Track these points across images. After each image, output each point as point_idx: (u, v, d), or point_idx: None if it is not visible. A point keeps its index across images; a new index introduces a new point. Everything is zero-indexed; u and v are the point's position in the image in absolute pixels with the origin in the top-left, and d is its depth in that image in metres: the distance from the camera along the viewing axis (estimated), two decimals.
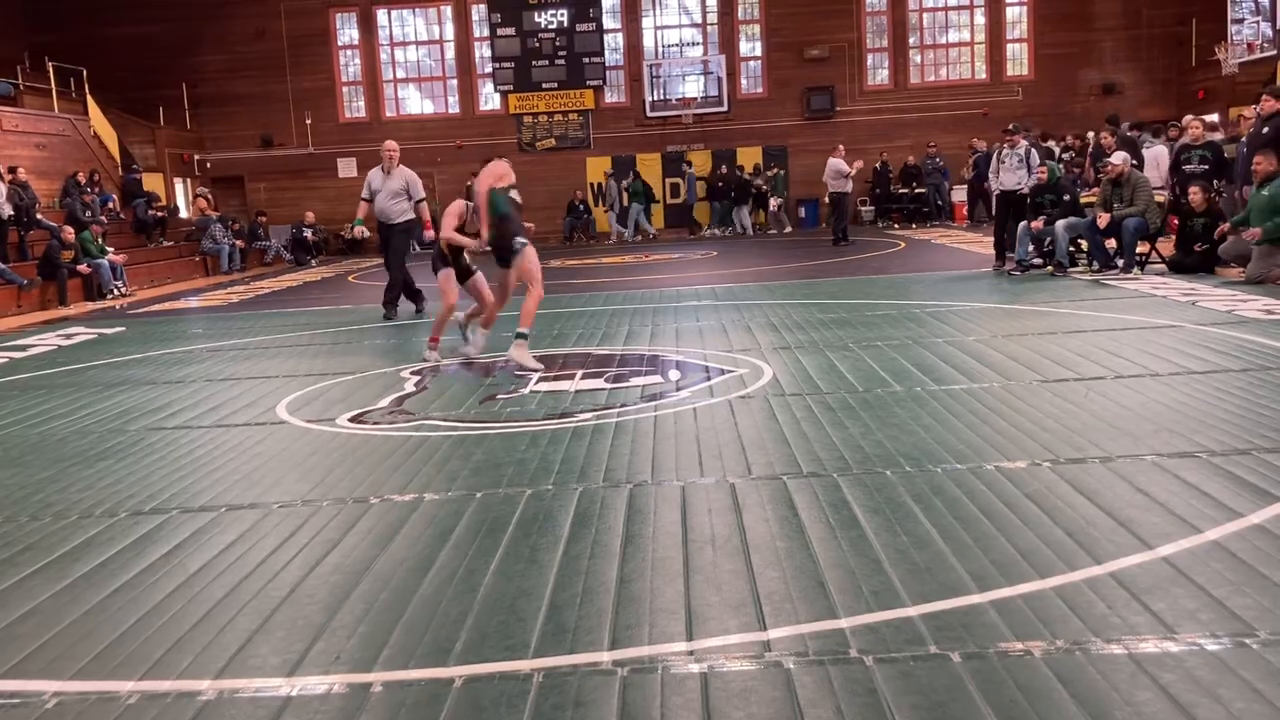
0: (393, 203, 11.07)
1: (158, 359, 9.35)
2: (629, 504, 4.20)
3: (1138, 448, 4.58)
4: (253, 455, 5.48)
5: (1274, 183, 9.97)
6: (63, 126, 21.00)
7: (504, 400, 6.50)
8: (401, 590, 3.42)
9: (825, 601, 3.12)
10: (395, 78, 26.96)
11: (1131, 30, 25.44)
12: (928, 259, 15.16)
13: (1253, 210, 10.14)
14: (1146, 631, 2.81)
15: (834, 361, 7.13)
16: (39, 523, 4.44)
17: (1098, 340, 7.38)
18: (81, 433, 6.32)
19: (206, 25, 25.53)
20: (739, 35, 26.44)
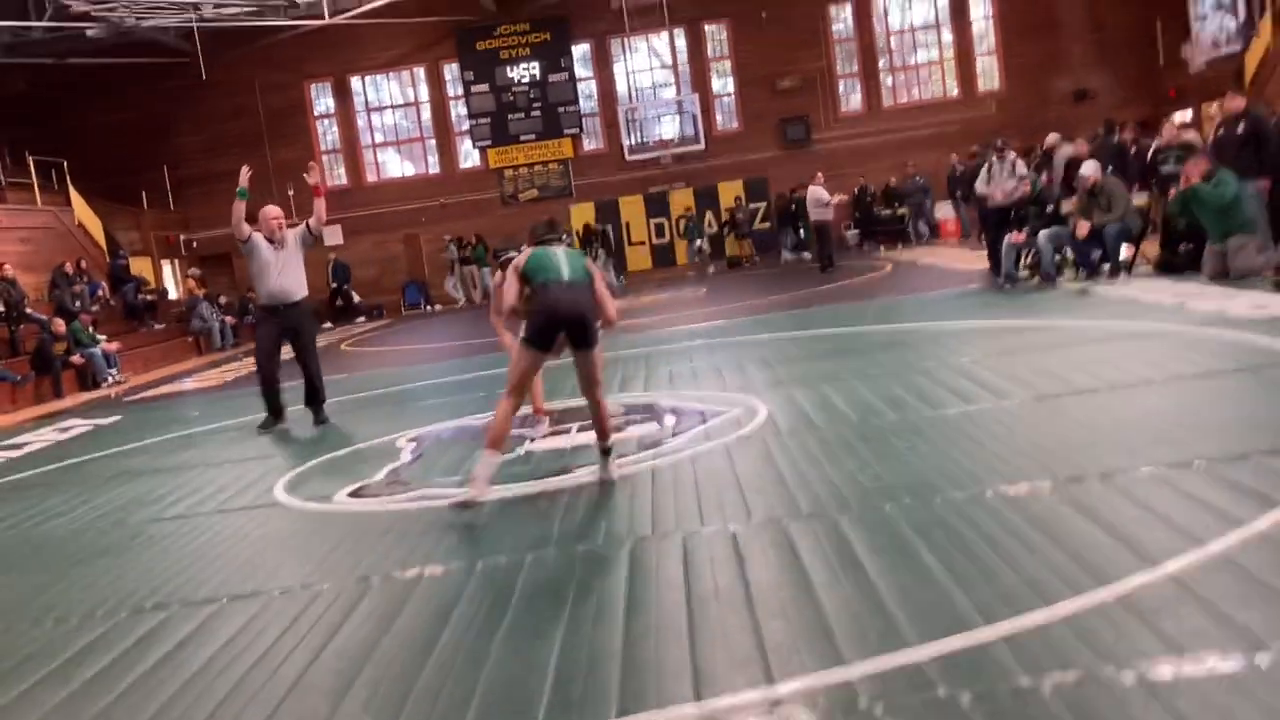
0: (289, 278, 9.06)
1: (155, 446, 9.33)
2: (631, 562, 4.17)
3: (1136, 460, 4.56)
4: (253, 541, 5.45)
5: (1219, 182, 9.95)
6: (47, 219, 21.10)
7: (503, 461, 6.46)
8: (406, 674, 3.38)
9: (832, 650, 3.09)
10: (374, 142, 27.16)
11: (1098, 35, 25.67)
12: (915, 280, 15.19)
13: (1204, 213, 10.12)
14: (1157, 655, 2.78)
15: (828, 394, 7.12)
16: (40, 629, 4.41)
17: (1090, 351, 7.37)
18: (81, 530, 6.29)
19: (183, 107, 25.72)
20: (710, 73, 26.67)
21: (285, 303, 9.03)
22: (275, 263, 8.97)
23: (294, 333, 9.18)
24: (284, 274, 8.99)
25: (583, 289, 5.31)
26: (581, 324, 5.27)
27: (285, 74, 26.13)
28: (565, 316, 5.24)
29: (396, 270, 26.37)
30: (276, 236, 9.05)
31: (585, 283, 5.34)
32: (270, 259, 8.98)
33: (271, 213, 9.16)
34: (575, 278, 5.31)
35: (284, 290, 9.01)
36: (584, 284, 5.33)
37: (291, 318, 9.09)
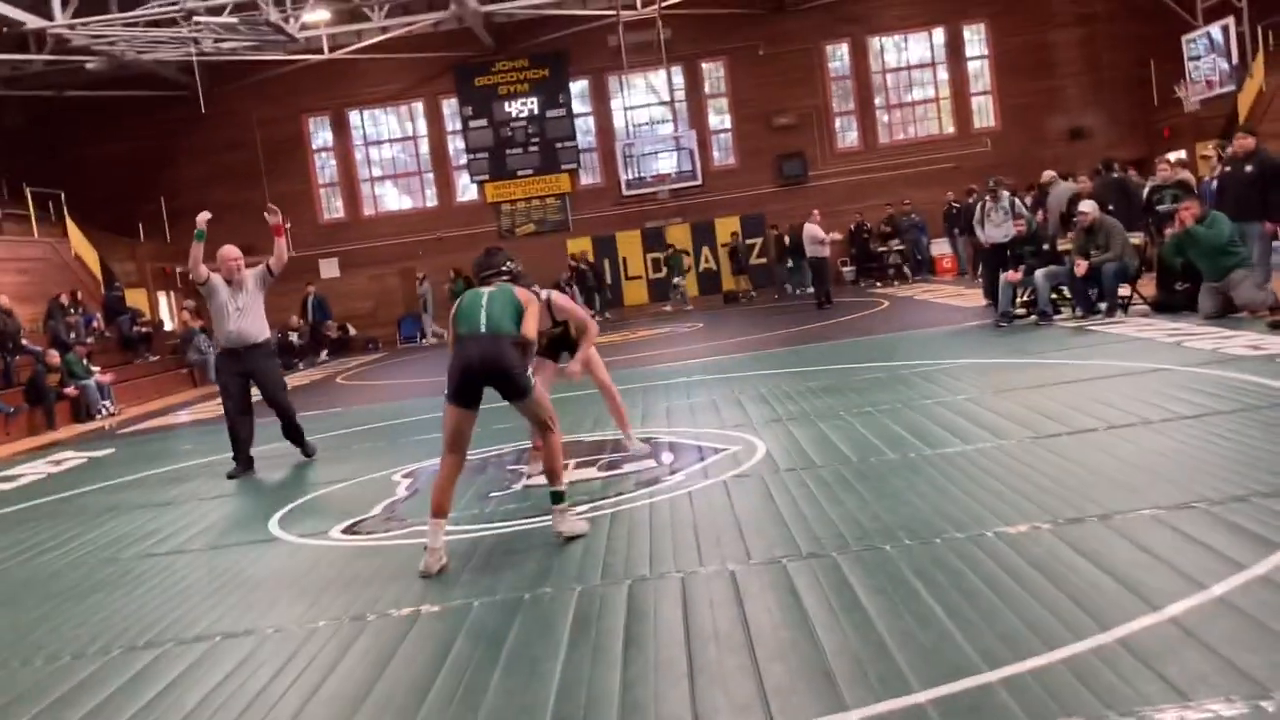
0: (248, 321, 8.78)
1: (148, 480, 9.28)
2: (629, 602, 4.14)
3: (1136, 502, 4.54)
4: (247, 577, 5.41)
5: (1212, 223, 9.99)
6: (44, 250, 21.12)
7: (497, 499, 6.44)
8: (401, 715, 3.35)
9: (833, 693, 3.06)
10: (371, 176, 27.26)
11: (1093, 75, 25.90)
12: (912, 316, 15.21)
13: (1199, 255, 10.16)
14: (1160, 700, 2.76)
15: (826, 432, 7.10)
16: (30, 667, 4.36)
17: (1087, 389, 7.37)
18: (74, 565, 6.24)
19: (181, 140, 25.82)
20: (707, 109, 26.85)
21: (245, 345, 8.75)
22: (233, 304, 8.71)
23: (258, 375, 8.88)
24: (243, 316, 8.72)
25: (499, 340, 5.07)
26: (499, 377, 5.08)
27: (283, 107, 26.25)
28: (479, 372, 5.05)
29: (393, 303, 26.39)
30: (235, 278, 8.76)
31: (504, 333, 5.09)
32: (228, 301, 8.71)
33: (230, 254, 8.85)
34: (492, 327, 5.09)
35: (242, 333, 8.73)
36: (502, 334, 5.08)
37: (252, 360, 8.78)
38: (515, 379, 5.11)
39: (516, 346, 5.14)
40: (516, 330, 5.17)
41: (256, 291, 8.85)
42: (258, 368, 8.84)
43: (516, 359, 5.12)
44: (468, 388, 5.11)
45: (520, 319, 5.22)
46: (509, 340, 5.11)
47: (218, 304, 8.72)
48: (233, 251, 8.88)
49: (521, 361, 5.15)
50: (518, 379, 5.11)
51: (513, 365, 5.09)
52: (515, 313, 5.21)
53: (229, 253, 8.86)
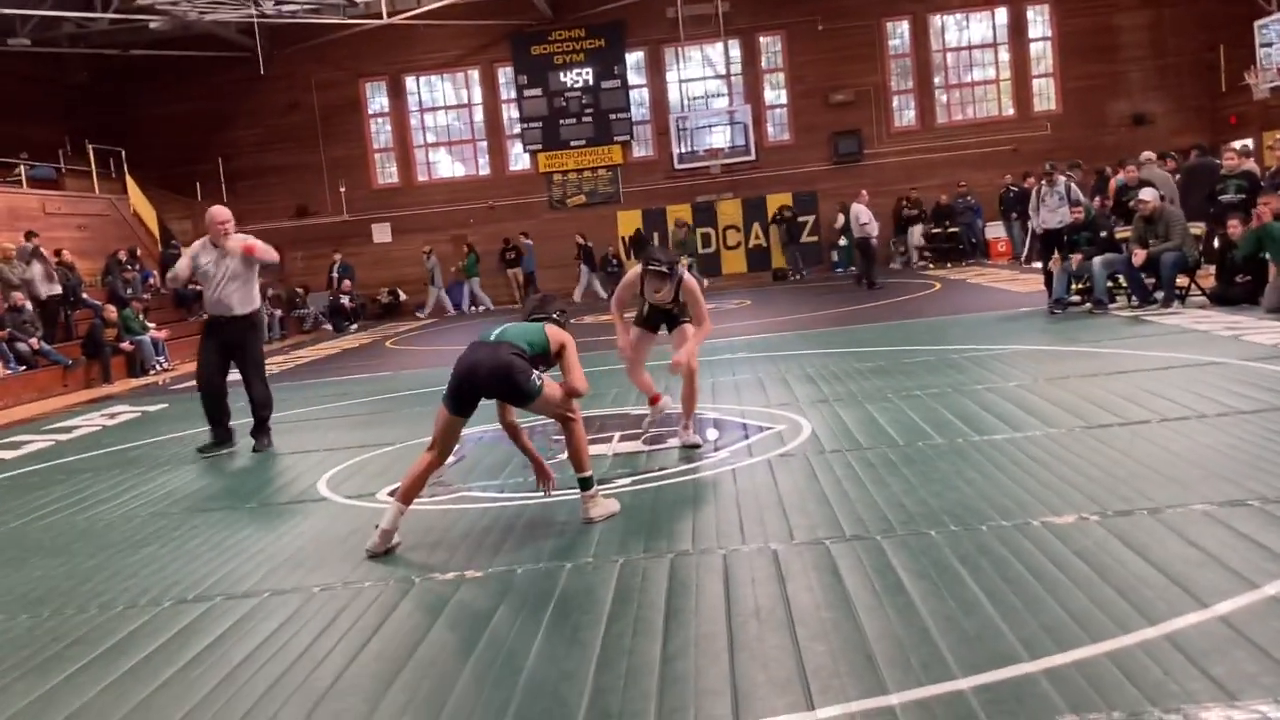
0: (233, 288, 8.13)
1: (200, 436, 9.42)
2: (671, 576, 4.16)
3: (1187, 496, 4.48)
4: (295, 535, 5.50)
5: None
6: (103, 207, 21.45)
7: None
8: (444, 677, 3.39)
9: (874, 676, 3.06)
10: (426, 142, 27.32)
11: (1159, 60, 25.34)
12: (964, 300, 15.05)
13: (1276, 250, 9.97)
14: (1207, 699, 2.73)
15: (873, 414, 7.07)
16: (85, 614, 4.47)
17: (1141, 380, 7.27)
18: (126, 517, 6.38)
19: (239, 101, 26.04)
20: (763, 84, 26.60)
21: (229, 315, 8.15)
22: (218, 272, 8.11)
23: (239, 352, 8.29)
24: (228, 284, 8.11)
25: (500, 347, 4.98)
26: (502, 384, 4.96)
27: (341, 71, 26.38)
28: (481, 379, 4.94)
29: (444, 270, 26.50)
30: (223, 242, 8.15)
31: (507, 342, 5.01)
32: (212, 269, 8.12)
33: (219, 215, 8.23)
34: (500, 338, 5.05)
35: (226, 302, 8.14)
36: (504, 343, 5.01)
37: (234, 332, 8.19)
38: (519, 388, 4.94)
39: (522, 356, 4.98)
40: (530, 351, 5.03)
41: (241, 265, 8.17)
42: (240, 343, 8.26)
43: (520, 366, 4.94)
44: (463, 394, 5.00)
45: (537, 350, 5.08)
46: (511, 347, 4.98)
47: (202, 270, 8.15)
48: (222, 213, 8.27)
49: (525, 367, 4.97)
50: (521, 386, 4.94)
51: (516, 373, 4.92)
52: (536, 342, 5.08)
53: (218, 214, 8.26)
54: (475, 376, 4.96)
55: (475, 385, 4.97)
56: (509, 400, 5.14)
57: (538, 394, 4.98)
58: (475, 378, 4.96)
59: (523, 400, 5.02)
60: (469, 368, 4.98)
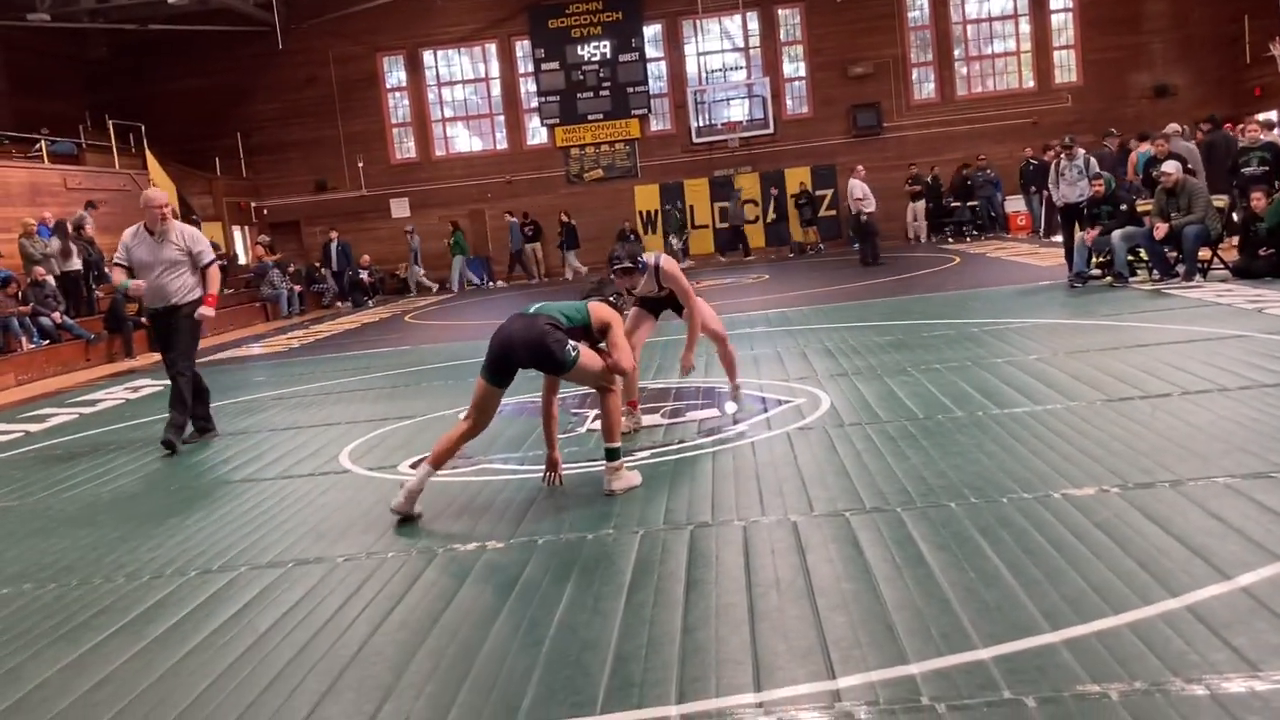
0: (171, 278, 7.57)
1: (222, 409, 9.48)
2: (691, 547, 4.18)
3: (1209, 469, 4.47)
4: (318, 507, 5.54)
5: None
6: (123, 182, 21.52)
7: (561, 440, 6.49)
8: (467, 645, 3.43)
9: (894, 646, 3.07)
10: (444, 117, 27.30)
11: (1181, 31, 25.06)
12: (984, 274, 14.99)
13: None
14: (1229, 669, 2.73)
15: (893, 387, 7.06)
16: (112, 584, 4.52)
17: (1162, 354, 7.23)
18: (151, 489, 6.45)
19: (257, 76, 26.06)
20: (782, 57, 26.44)
21: (165, 305, 7.65)
22: (154, 261, 7.55)
23: (172, 336, 7.76)
24: (166, 273, 7.57)
25: (537, 319, 5.04)
26: (537, 354, 5.00)
27: (359, 46, 26.36)
28: (517, 349, 5.01)
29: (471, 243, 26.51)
30: (158, 228, 7.57)
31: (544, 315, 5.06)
32: (146, 256, 7.58)
33: (155, 199, 7.63)
34: (538, 310, 5.11)
35: (164, 292, 7.60)
36: (541, 315, 5.06)
37: (167, 323, 7.71)
38: (553, 356, 4.99)
39: (557, 327, 5.03)
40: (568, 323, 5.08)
41: (178, 253, 7.58)
42: (175, 328, 7.72)
43: (556, 336, 5.00)
44: (500, 364, 5.08)
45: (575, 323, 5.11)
46: (547, 319, 5.04)
47: (137, 258, 7.60)
48: (158, 197, 7.68)
49: (560, 337, 5.02)
50: (555, 355, 4.98)
51: (551, 342, 4.97)
52: (574, 316, 5.13)
53: (155, 198, 7.65)
54: (510, 346, 5.04)
55: (510, 356, 5.05)
56: (545, 369, 5.16)
57: (574, 363, 5.04)
58: (510, 348, 5.04)
59: (559, 368, 5.08)
60: (505, 339, 5.06)
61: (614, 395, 5.26)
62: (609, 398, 5.23)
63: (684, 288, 6.39)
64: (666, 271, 6.39)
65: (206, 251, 7.77)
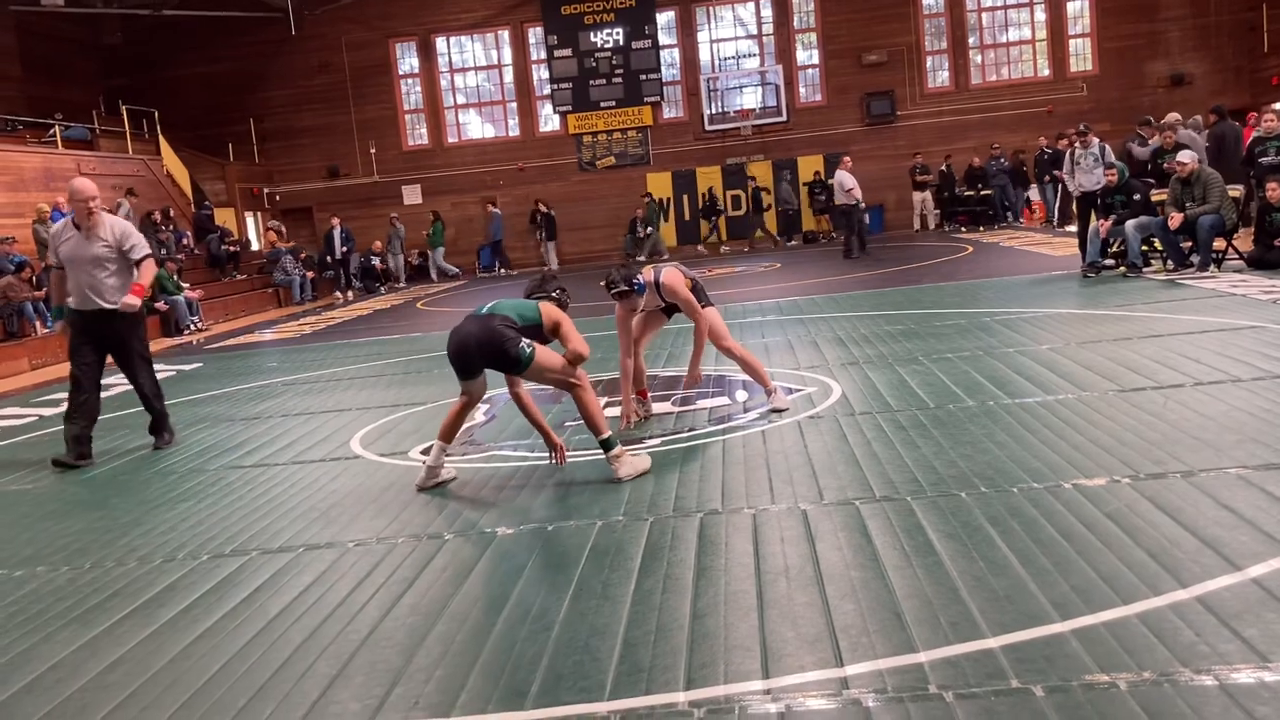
0: (102, 276, 6.82)
1: (234, 395, 9.55)
2: (700, 534, 4.19)
3: (1221, 460, 4.46)
4: (329, 492, 5.56)
5: None
6: (137, 167, 21.58)
7: (571, 428, 6.51)
8: (477, 630, 3.44)
9: (903, 634, 3.07)
10: (456, 104, 27.28)
11: (1199, 19, 24.88)
12: (997, 263, 14.93)
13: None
14: (1238, 660, 2.73)
15: (904, 376, 7.05)
16: (124, 567, 4.55)
17: (1175, 344, 7.20)
18: (163, 473, 6.48)
19: (270, 62, 26.09)
20: (795, 44, 26.35)
21: (94, 308, 6.87)
22: (80, 258, 6.80)
23: (115, 348, 7.09)
24: (95, 271, 6.81)
25: (490, 318, 5.14)
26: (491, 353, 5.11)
27: (372, 32, 26.36)
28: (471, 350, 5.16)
29: (473, 232, 26.53)
30: (87, 222, 6.82)
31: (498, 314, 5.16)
32: (72, 253, 6.82)
33: (83, 190, 6.81)
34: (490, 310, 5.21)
35: (93, 292, 6.84)
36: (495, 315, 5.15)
37: (106, 326, 6.94)
38: (507, 354, 5.09)
39: (510, 326, 5.12)
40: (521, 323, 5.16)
41: (107, 249, 6.84)
42: (113, 338, 7.02)
43: (509, 336, 5.08)
44: (459, 365, 5.28)
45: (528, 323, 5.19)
46: (500, 319, 5.13)
47: (64, 254, 6.88)
48: (85, 188, 6.83)
49: (513, 335, 5.09)
50: (509, 353, 5.08)
51: (505, 342, 5.07)
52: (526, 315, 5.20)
53: (83, 189, 6.82)
54: (466, 348, 5.19)
55: (468, 356, 5.20)
56: (502, 369, 5.25)
57: (529, 361, 5.12)
58: (466, 349, 5.19)
59: (515, 367, 5.16)
60: (460, 341, 5.22)
61: (583, 390, 5.23)
62: (579, 394, 5.23)
63: (686, 299, 6.24)
64: (668, 286, 6.24)
65: (140, 246, 6.96)
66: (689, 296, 6.25)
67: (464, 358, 5.23)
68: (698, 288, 6.41)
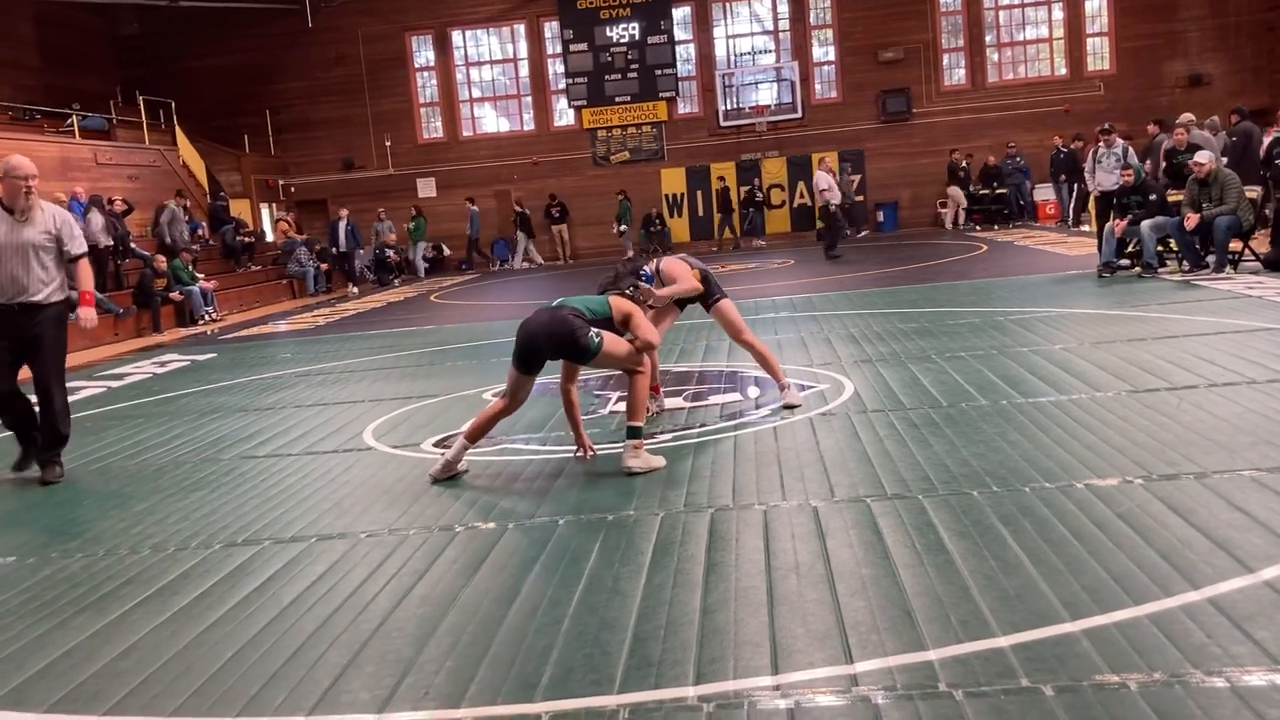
0: (29, 267, 6.11)
1: (248, 385, 9.58)
2: (711, 530, 4.19)
3: (1235, 462, 4.44)
4: (341, 483, 5.58)
5: None
6: (153, 158, 21.68)
7: (583, 422, 6.51)
8: (487, 622, 3.45)
9: (913, 632, 3.07)
10: (471, 97, 27.32)
11: (1219, 19, 24.74)
12: (1011, 263, 14.89)
13: None
14: (1250, 662, 2.72)
15: (916, 375, 7.04)
16: (138, 555, 4.58)
17: (1190, 345, 7.17)
18: (177, 462, 6.51)
19: (287, 53, 26.15)
20: (811, 40, 26.29)
21: (18, 301, 6.12)
22: (9, 244, 6.07)
23: (34, 347, 6.21)
24: (24, 260, 6.09)
25: (560, 310, 5.29)
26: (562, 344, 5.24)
27: (388, 25, 26.40)
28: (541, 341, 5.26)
29: (487, 225, 26.55)
30: (20, 204, 6.10)
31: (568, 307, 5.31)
32: (6, 236, 6.08)
33: (19, 167, 6.09)
34: (562, 302, 5.37)
35: (19, 283, 6.10)
36: (565, 308, 5.30)
37: (27, 323, 6.15)
38: (578, 343, 5.21)
39: (580, 318, 5.25)
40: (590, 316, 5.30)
41: (43, 236, 6.16)
42: (36, 335, 6.20)
43: (579, 326, 5.21)
44: (526, 355, 5.33)
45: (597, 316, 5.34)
46: (570, 310, 5.28)
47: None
48: (21, 165, 6.12)
49: (584, 325, 5.23)
50: (580, 342, 5.20)
51: (575, 331, 5.19)
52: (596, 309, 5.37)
53: (17, 166, 6.09)
54: (535, 339, 5.29)
55: (537, 348, 5.29)
56: (571, 357, 5.36)
57: (598, 349, 5.23)
58: (535, 340, 5.29)
59: (584, 356, 5.27)
60: (531, 332, 5.31)
61: (642, 377, 5.40)
62: (637, 379, 5.37)
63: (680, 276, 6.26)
64: (667, 272, 6.30)
65: (80, 241, 6.35)
66: (684, 271, 6.29)
67: (532, 348, 5.29)
68: (708, 279, 6.46)
